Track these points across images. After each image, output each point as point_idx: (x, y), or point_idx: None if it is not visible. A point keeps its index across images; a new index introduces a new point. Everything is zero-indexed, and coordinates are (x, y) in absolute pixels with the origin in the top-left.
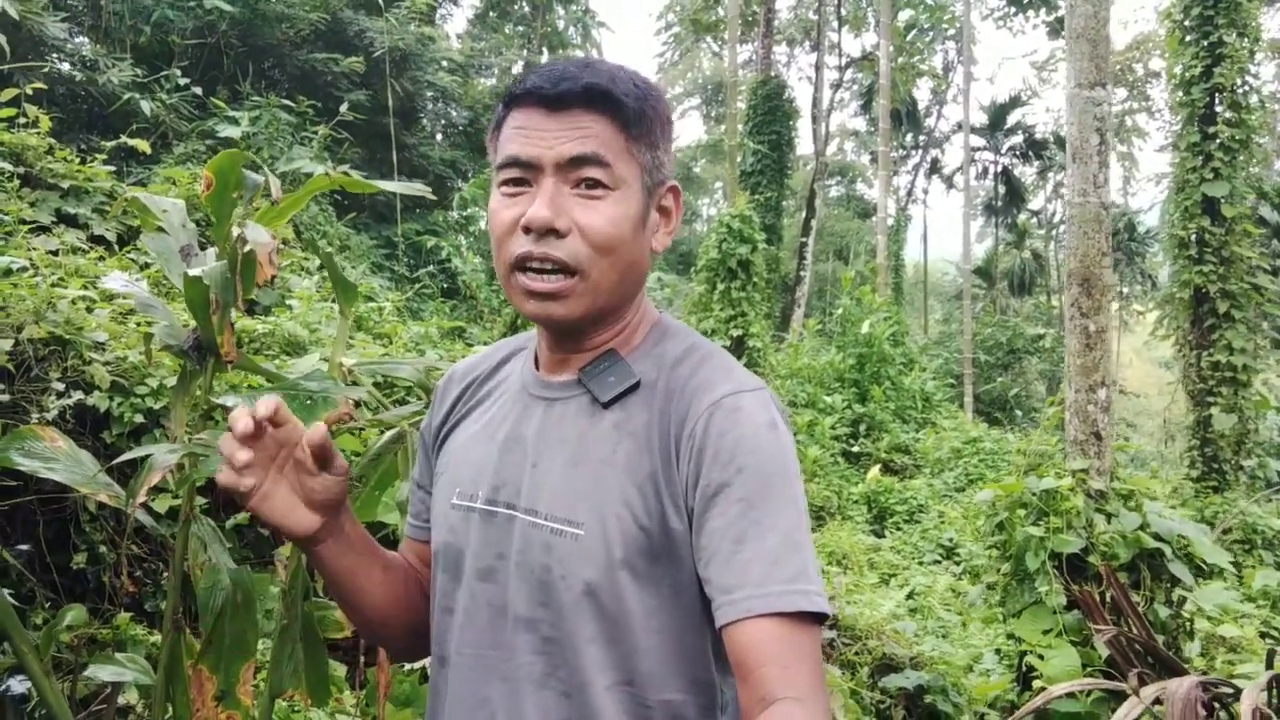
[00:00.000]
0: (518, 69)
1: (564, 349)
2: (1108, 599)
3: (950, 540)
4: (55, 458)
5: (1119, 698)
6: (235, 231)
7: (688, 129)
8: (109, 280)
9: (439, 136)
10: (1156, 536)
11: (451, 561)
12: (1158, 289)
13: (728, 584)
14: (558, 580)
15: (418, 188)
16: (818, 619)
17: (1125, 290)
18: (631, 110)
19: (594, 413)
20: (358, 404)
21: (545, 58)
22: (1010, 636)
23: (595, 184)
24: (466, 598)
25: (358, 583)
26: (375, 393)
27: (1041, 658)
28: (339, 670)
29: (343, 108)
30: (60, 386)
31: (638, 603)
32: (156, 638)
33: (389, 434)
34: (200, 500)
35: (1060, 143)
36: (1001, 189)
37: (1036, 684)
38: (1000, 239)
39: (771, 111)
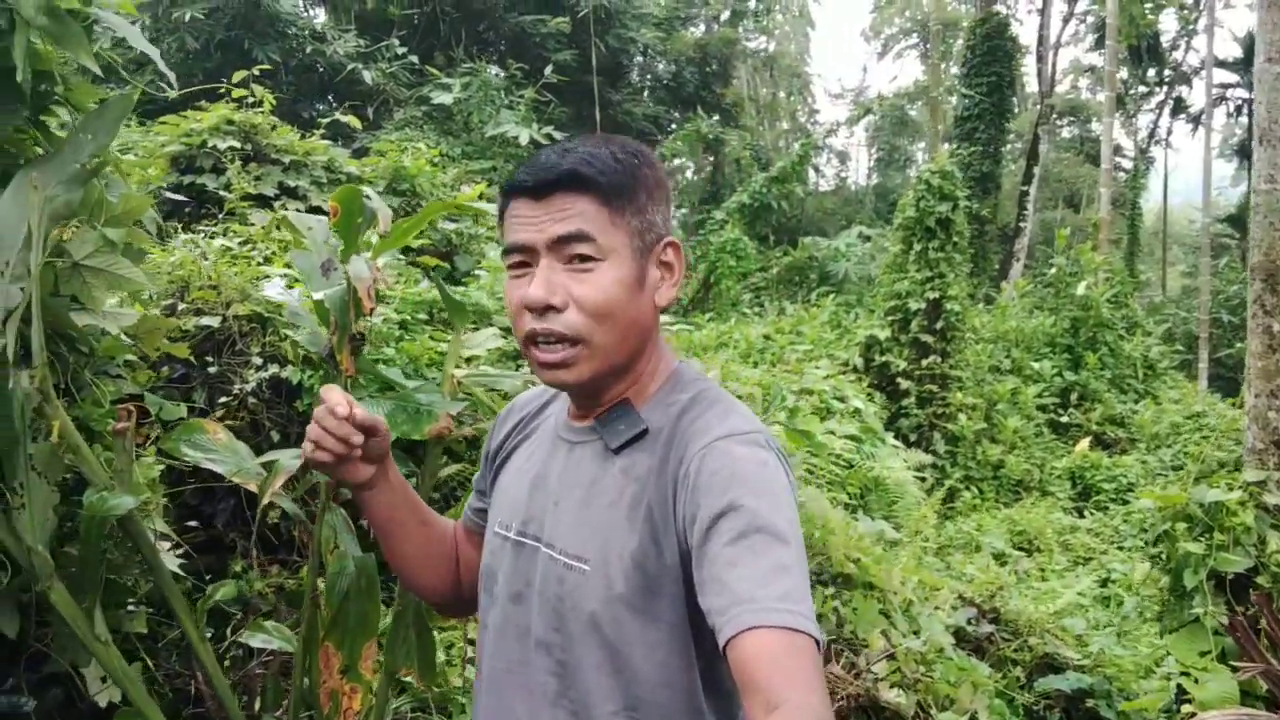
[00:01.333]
0: (725, 16)
1: (587, 406)
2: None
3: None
4: (215, 449)
5: None
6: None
7: (904, 71)
8: (269, 288)
9: (645, 93)
10: None
11: (489, 583)
12: None
13: (722, 605)
14: (569, 610)
15: None
16: (812, 640)
17: None
18: (608, 185)
19: (606, 458)
20: (457, 417)
21: (753, 3)
22: (1167, 653)
23: (585, 258)
24: (499, 617)
25: (399, 530)
26: (484, 398)
27: (1196, 681)
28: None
29: (547, 70)
30: (259, 360)
31: (637, 636)
32: None
33: None
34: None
35: None
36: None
37: (1186, 709)
38: None
39: (992, 52)
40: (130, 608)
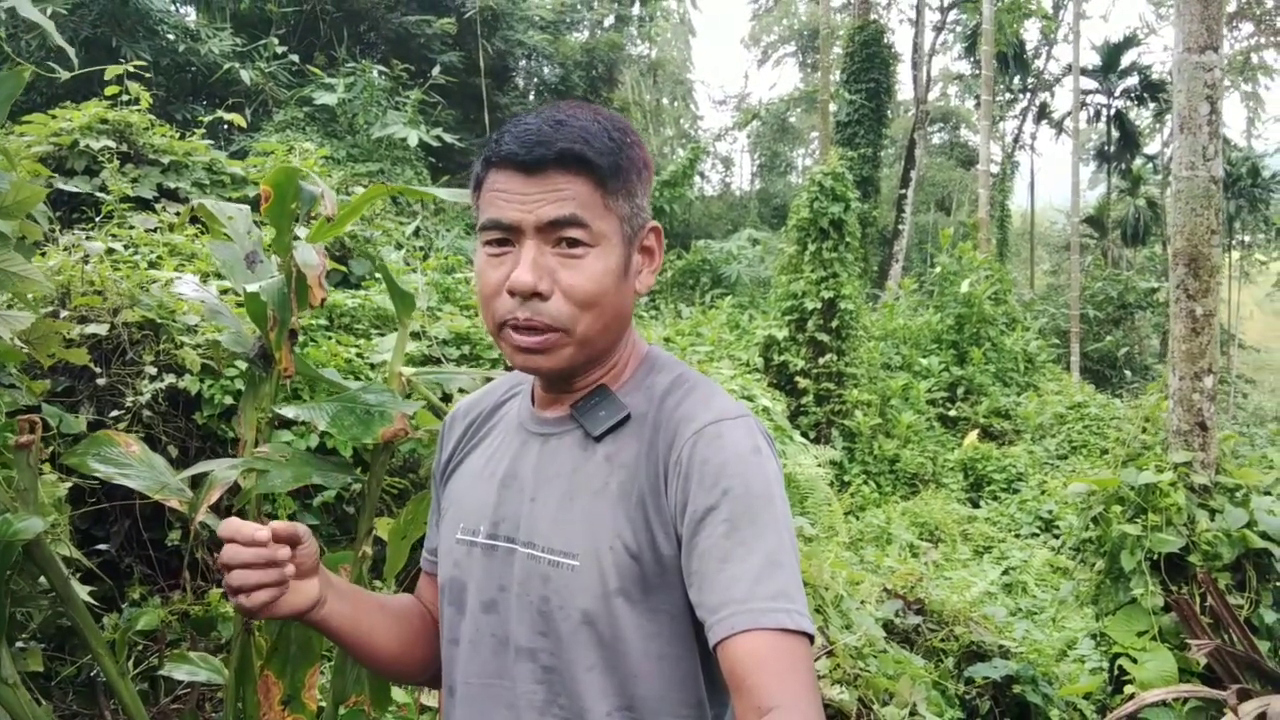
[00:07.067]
0: (609, 22)
1: (557, 390)
2: (1208, 605)
3: (1050, 512)
4: (129, 463)
5: (1218, 707)
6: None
7: (783, 78)
8: (180, 285)
9: (531, 95)
10: (1264, 535)
11: (456, 595)
12: None
13: (714, 603)
14: (556, 610)
15: (462, 193)
16: (804, 635)
17: (1247, 239)
18: (606, 168)
19: (586, 446)
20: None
21: (637, 9)
22: (1102, 635)
23: (575, 243)
24: (471, 629)
25: (363, 628)
26: (433, 398)
27: (1135, 661)
28: None
29: (434, 71)
30: (153, 370)
31: (634, 630)
32: None
33: None
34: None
35: None
36: (1115, 133)
37: (1129, 689)
38: (1113, 186)
39: (870, 59)
40: (21, 644)
